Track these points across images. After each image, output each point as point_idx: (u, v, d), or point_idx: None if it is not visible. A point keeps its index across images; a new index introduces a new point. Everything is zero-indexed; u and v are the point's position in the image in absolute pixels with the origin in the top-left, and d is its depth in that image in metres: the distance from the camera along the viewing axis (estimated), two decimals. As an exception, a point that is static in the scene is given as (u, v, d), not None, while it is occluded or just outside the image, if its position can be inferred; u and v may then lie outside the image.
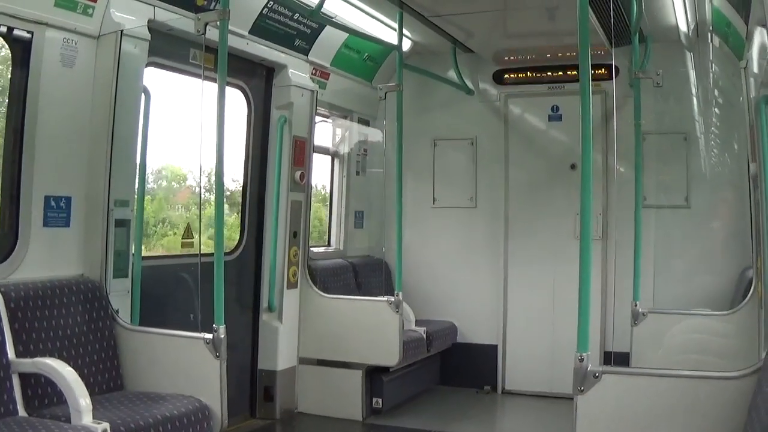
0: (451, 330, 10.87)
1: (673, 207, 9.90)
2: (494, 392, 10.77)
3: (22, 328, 5.84)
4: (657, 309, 8.52)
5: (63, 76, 6.47)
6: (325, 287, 9.57)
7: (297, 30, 9.02)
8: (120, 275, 6.89)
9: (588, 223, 5.48)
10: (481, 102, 11.15)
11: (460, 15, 9.17)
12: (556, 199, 10.49)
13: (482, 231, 11.04)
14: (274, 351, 9.01)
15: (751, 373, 5.11)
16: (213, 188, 6.97)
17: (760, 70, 6.98)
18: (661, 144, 9.91)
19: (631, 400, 5.39)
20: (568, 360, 5.52)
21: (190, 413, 5.87)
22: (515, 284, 10.83)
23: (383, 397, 9.35)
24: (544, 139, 10.86)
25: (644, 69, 8.63)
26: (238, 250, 8.99)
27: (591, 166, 5.50)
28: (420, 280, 10.92)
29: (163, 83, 7.77)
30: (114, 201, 6.78)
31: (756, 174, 6.78)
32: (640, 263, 8.39)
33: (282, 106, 9.11)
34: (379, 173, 11.07)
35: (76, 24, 6.51)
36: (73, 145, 6.64)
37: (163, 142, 8.14)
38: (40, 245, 6.36)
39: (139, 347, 6.56)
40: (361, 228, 11.33)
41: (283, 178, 9.03)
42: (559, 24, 8.97)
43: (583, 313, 5.39)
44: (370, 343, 9.14)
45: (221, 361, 6.22)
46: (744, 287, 8.17)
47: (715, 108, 10.04)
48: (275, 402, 9.00)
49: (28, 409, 5.63)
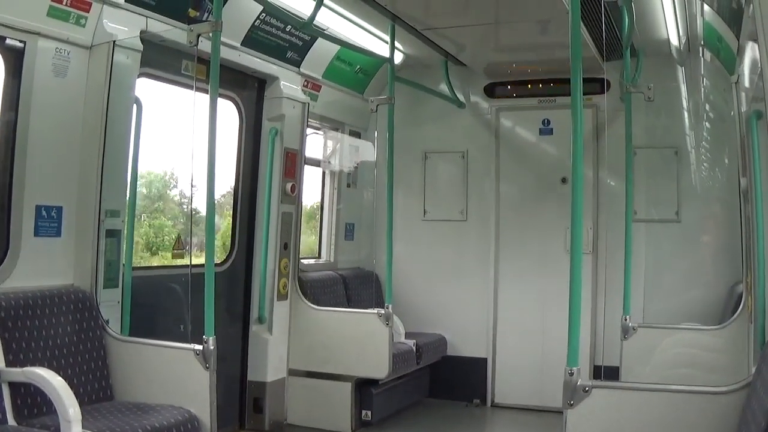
0: (440, 343, 10.87)
1: (663, 221, 9.92)
2: (484, 405, 10.75)
3: (12, 338, 5.83)
4: (647, 323, 8.53)
5: (55, 85, 6.47)
6: (315, 299, 9.56)
7: (289, 42, 9.03)
8: (110, 285, 6.89)
9: (579, 237, 5.47)
10: (473, 115, 11.17)
11: (451, 28, 9.18)
12: (547, 212, 10.51)
13: (473, 244, 11.04)
14: (263, 362, 9.00)
15: (740, 388, 5.11)
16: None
17: (751, 84, 7.00)
18: (651, 158, 9.93)
19: (620, 415, 5.38)
20: (558, 374, 5.51)
21: (179, 424, 5.87)
22: (505, 297, 10.83)
23: (372, 410, 9.32)
24: (534, 153, 10.88)
25: (635, 83, 8.66)
26: (228, 262, 8.99)
27: (582, 180, 5.50)
28: (410, 293, 10.90)
29: (155, 94, 7.76)
30: (105, 211, 6.78)
31: (747, 189, 6.81)
32: (631, 277, 8.39)
33: (273, 117, 9.11)
34: (370, 186, 11.07)
35: (69, 34, 6.51)
36: (64, 155, 6.64)
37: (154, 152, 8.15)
38: (31, 255, 6.35)
39: (129, 358, 6.55)
40: (351, 240, 11.32)
41: (274, 190, 9.02)
42: (551, 38, 8.96)
43: (573, 326, 5.38)
44: (359, 355, 9.14)
45: (211, 372, 6.21)
46: (734, 302, 8.18)
47: (706, 122, 10.07)
48: (264, 413, 8.98)
49: (18, 419, 5.60)
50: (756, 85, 6.50)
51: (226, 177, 9.09)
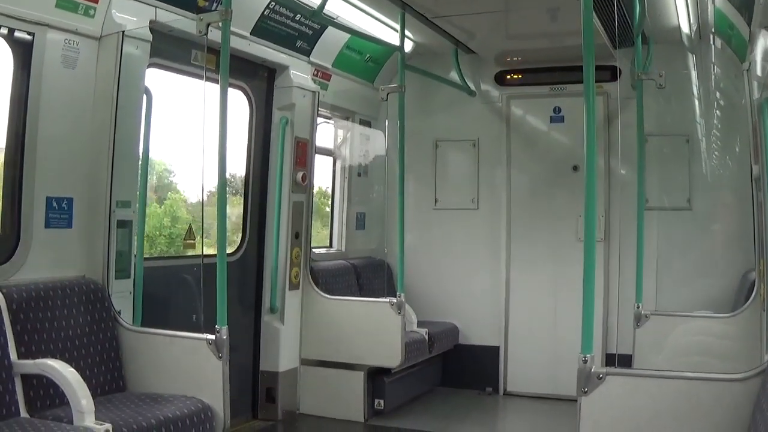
0: (452, 331, 10.87)
1: (675, 209, 9.88)
2: (496, 394, 10.75)
3: (24, 330, 5.83)
4: (659, 311, 8.48)
5: (64, 77, 6.46)
6: (327, 288, 9.55)
7: (299, 31, 9.01)
8: (122, 276, 6.89)
9: (592, 225, 5.47)
10: (483, 103, 11.13)
11: (461, 16, 9.17)
12: (558, 200, 10.49)
13: (484, 232, 11.02)
14: (276, 352, 9.01)
15: (755, 375, 5.10)
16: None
17: (763, 72, 6.96)
18: (663, 146, 9.89)
19: (634, 402, 5.37)
20: (571, 362, 5.52)
21: (192, 414, 5.87)
22: (517, 286, 10.82)
23: (385, 399, 9.33)
24: (545, 141, 10.86)
25: (647, 71, 8.61)
26: (240, 252, 8.99)
27: (595, 167, 5.48)
28: (422, 282, 10.90)
29: (165, 84, 7.76)
30: (116, 202, 6.77)
31: (759, 176, 6.78)
32: (643, 265, 8.37)
33: (284, 107, 9.10)
34: (381, 174, 11.05)
35: (78, 25, 6.50)
36: (74, 146, 6.63)
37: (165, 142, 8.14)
38: (42, 246, 6.35)
39: (141, 348, 6.55)
40: (362, 229, 11.32)
41: (285, 179, 9.01)
42: (561, 25, 8.95)
43: (587, 314, 5.37)
44: (371, 344, 9.14)
45: (223, 362, 6.21)
46: (746, 290, 8.15)
47: (717, 110, 10.02)
48: (277, 403, 8.99)
49: (31, 411, 5.61)
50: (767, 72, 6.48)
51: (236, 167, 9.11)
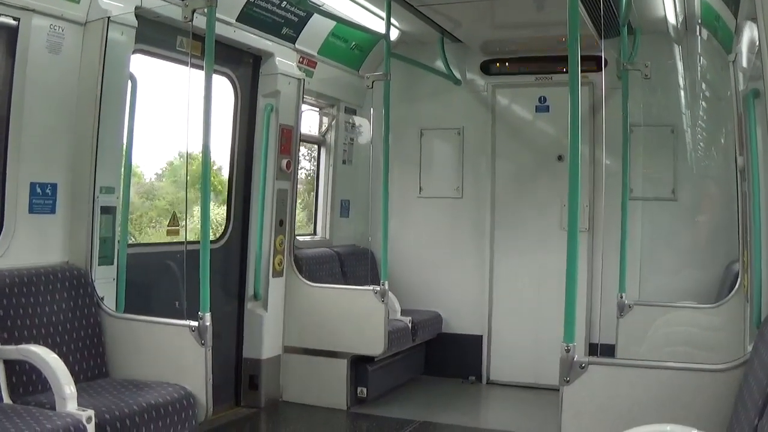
0: (436, 320, 10.88)
1: (659, 199, 9.91)
2: (479, 382, 10.78)
3: (7, 315, 5.82)
4: (643, 301, 8.51)
5: (49, 62, 6.43)
6: (310, 276, 9.55)
7: (284, 18, 8.98)
8: (105, 262, 6.89)
9: (576, 215, 5.46)
10: (469, 92, 11.13)
11: (447, 4, 9.14)
12: (543, 190, 10.50)
13: (468, 221, 11.03)
14: (259, 339, 9.02)
15: (737, 366, 5.12)
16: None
17: (748, 63, 6.97)
18: (648, 136, 9.90)
19: (616, 391, 5.38)
20: (554, 351, 5.52)
21: (175, 401, 5.88)
22: (501, 275, 10.83)
23: (368, 387, 9.35)
24: (531, 130, 10.86)
25: (632, 61, 8.63)
26: (224, 239, 8.98)
27: (579, 157, 5.48)
28: (406, 270, 10.91)
29: (150, 70, 7.73)
30: (99, 188, 6.76)
31: (744, 167, 6.80)
32: (627, 255, 8.41)
33: (269, 94, 9.09)
34: (366, 162, 11.03)
35: (63, 10, 6.47)
36: (59, 132, 6.61)
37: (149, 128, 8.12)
38: (26, 232, 6.33)
39: (124, 335, 6.55)
40: (347, 217, 11.30)
41: (270, 167, 9.01)
42: (547, 15, 8.95)
43: (569, 303, 5.38)
44: (355, 332, 9.13)
45: (206, 349, 6.21)
46: (730, 280, 8.19)
47: (703, 101, 10.04)
48: (260, 390, 9.01)
49: (13, 396, 5.61)
50: (753, 64, 6.48)
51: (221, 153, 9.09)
